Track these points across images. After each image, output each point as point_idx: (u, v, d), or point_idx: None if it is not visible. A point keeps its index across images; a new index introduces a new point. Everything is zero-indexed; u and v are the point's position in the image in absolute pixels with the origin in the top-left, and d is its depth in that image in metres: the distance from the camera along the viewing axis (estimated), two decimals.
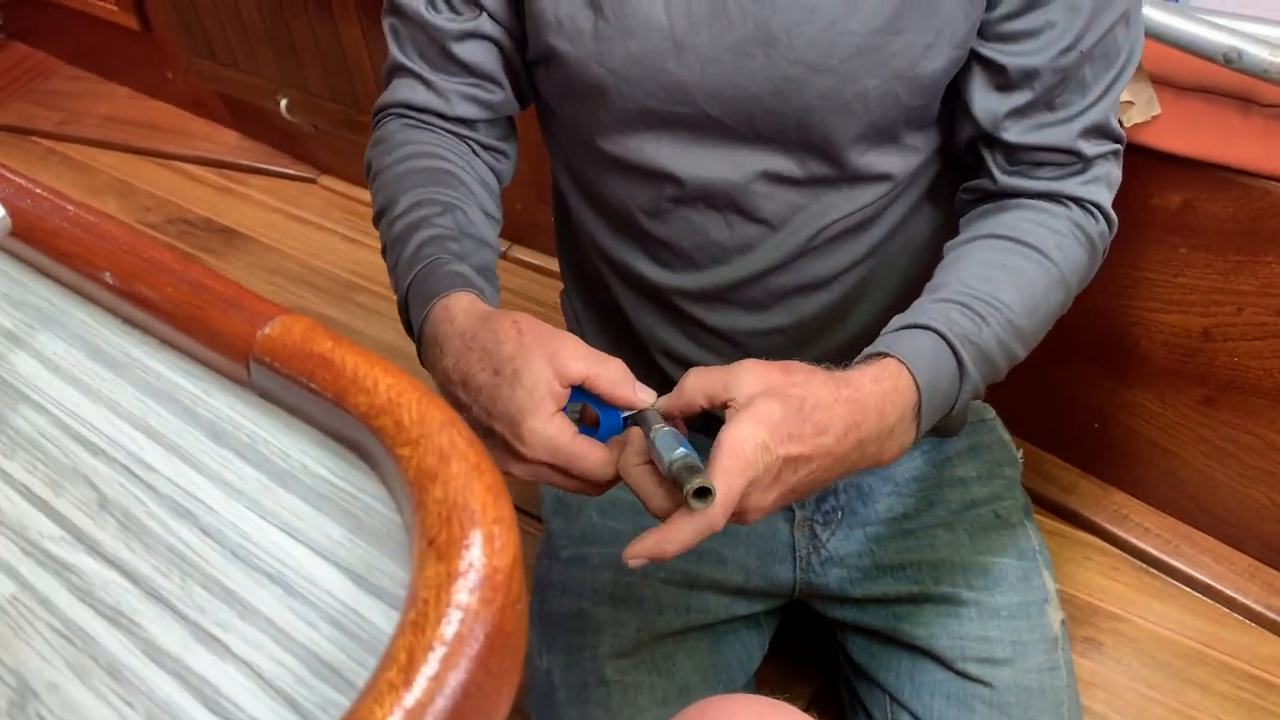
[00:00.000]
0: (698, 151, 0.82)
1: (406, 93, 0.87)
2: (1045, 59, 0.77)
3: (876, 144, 0.81)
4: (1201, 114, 1.05)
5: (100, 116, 2.28)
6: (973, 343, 0.73)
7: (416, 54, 0.86)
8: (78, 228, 0.44)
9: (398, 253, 0.80)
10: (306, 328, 0.43)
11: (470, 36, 0.83)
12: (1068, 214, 0.82)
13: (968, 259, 0.79)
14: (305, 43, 1.83)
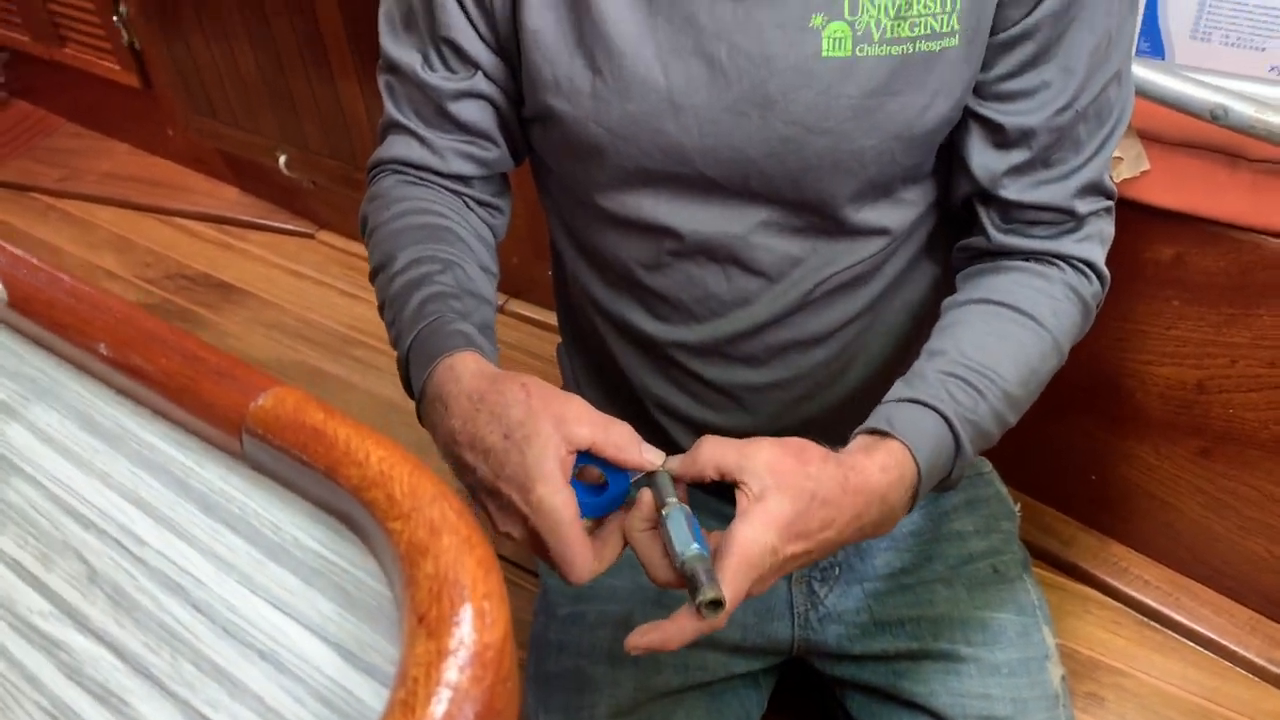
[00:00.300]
0: (696, 207, 0.82)
1: (402, 149, 0.87)
2: (1042, 118, 0.78)
3: (873, 200, 0.82)
4: (1190, 169, 1.06)
5: (100, 173, 2.30)
6: (970, 420, 0.74)
7: (412, 112, 0.86)
8: (73, 299, 0.45)
9: (397, 309, 0.80)
10: (299, 400, 0.43)
11: (466, 95, 0.84)
12: (1062, 276, 0.82)
13: (965, 325, 0.80)
14: (304, 100, 1.85)
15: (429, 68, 0.83)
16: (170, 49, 1.97)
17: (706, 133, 0.77)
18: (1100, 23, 0.75)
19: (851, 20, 0.73)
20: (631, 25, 0.76)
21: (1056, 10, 0.74)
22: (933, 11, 0.73)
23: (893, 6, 0.73)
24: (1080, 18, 0.75)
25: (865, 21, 0.73)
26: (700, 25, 0.75)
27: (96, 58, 2.18)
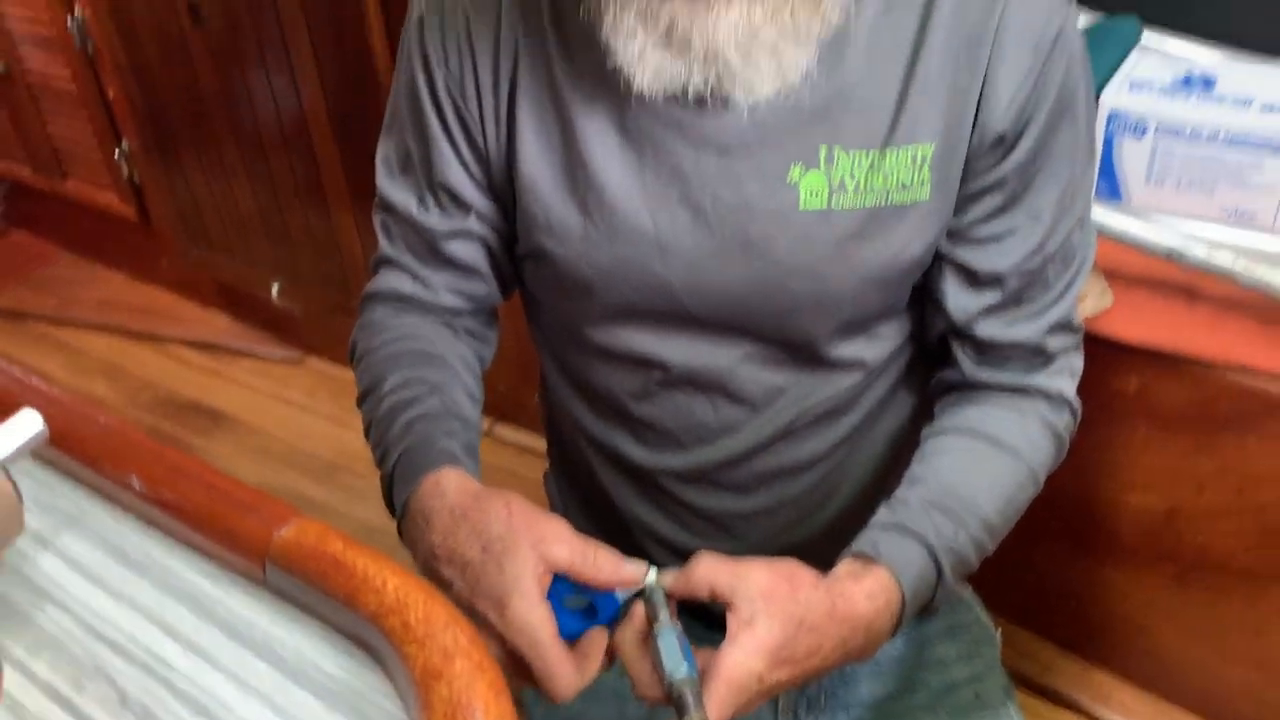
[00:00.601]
0: (683, 340, 0.85)
1: (395, 283, 0.90)
2: (1012, 262, 0.82)
3: (850, 335, 0.86)
4: (1151, 304, 1.12)
5: (95, 301, 2.34)
6: (952, 550, 0.77)
7: (406, 248, 0.90)
8: (109, 436, 0.48)
9: (383, 429, 0.83)
10: (320, 530, 0.46)
11: (458, 235, 0.88)
12: (1036, 409, 0.86)
13: (946, 454, 0.83)
14: (299, 231, 1.91)
15: (424, 209, 0.87)
16: (170, 183, 2.04)
17: (692, 274, 0.82)
18: (1063, 173, 0.80)
19: (827, 172, 0.78)
20: (621, 175, 0.80)
21: (1022, 163, 0.79)
22: (904, 165, 0.78)
23: (865, 160, 0.78)
24: (1045, 169, 0.80)
25: (840, 174, 0.78)
26: (685, 176, 0.79)
27: (96, 191, 2.25)
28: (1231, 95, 1.14)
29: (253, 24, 1.67)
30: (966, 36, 0.76)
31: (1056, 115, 0.78)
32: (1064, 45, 0.77)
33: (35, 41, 2.08)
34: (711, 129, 0.78)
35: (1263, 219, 1.14)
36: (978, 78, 0.76)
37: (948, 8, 0.76)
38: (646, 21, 0.71)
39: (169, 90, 1.89)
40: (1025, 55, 0.76)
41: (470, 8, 0.82)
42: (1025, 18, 0.75)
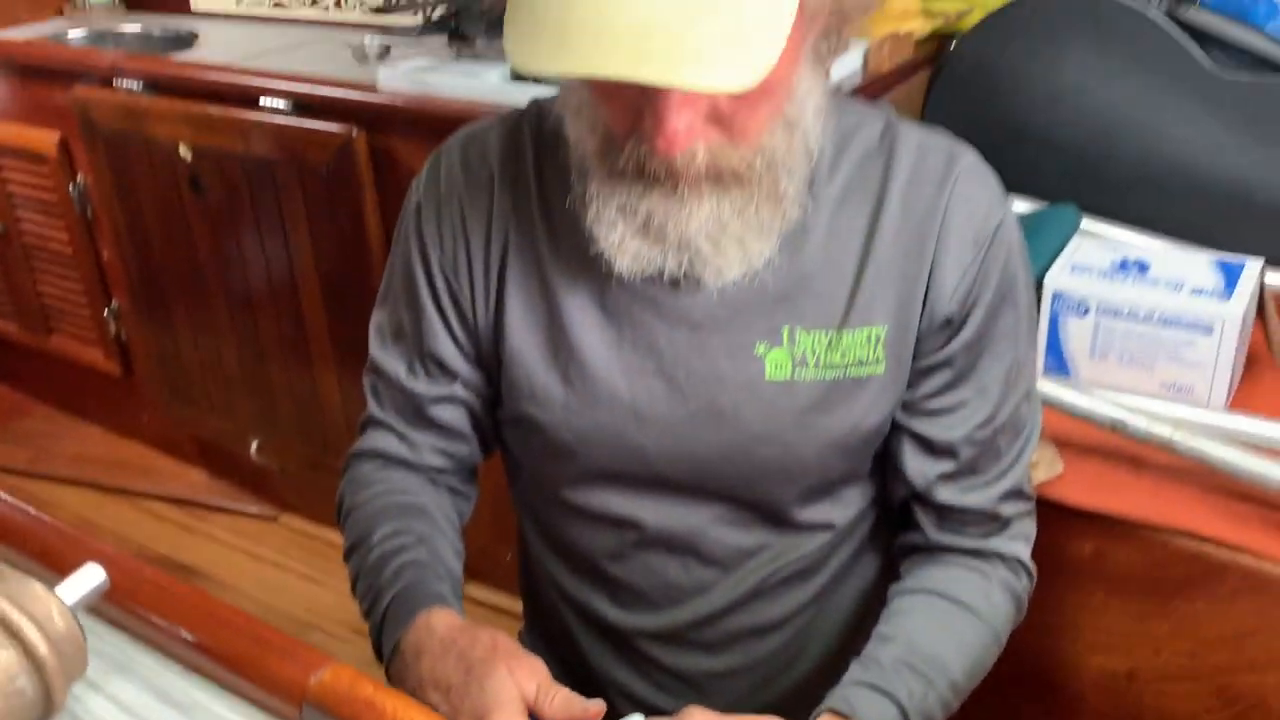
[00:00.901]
0: (657, 502, 0.90)
1: (381, 443, 0.95)
2: (963, 433, 0.88)
3: (816, 500, 0.91)
4: (1100, 472, 1.18)
5: (70, 455, 2.36)
6: (922, 711, 0.80)
7: (393, 411, 0.95)
8: (157, 589, 0.52)
9: (372, 578, 0.86)
10: (352, 675, 0.50)
11: (444, 400, 0.93)
12: (996, 572, 0.91)
13: (913, 614, 0.87)
14: (281, 389, 1.96)
15: (413, 375, 0.93)
16: (157, 340, 2.09)
17: (666, 440, 0.87)
18: (1007, 353, 0.88)
19: (790, 349, 0.85)
20: (601, 348, 0.87)
21: (969, 342, 0.86)
22: (860, 344, 0.85)
23: (824, 339, 0.85)
24: (990, 349, 0.87)
25: (802, 350, 0.85)
26: (660, 350, 0.86)
27: (81, 347, 2.29)
28: (1164, 279, 1.24)
29: (251, 195, 1.76)
30: (914, 230, 0.84)
31: (998, 300, 0.86)
32: (1003, 237, 0.85)
33: (35, 205, 2.16)
34: (684, 307, 0.85)
35: (1199, 393, 1.22)
36: (925, 266, 0.84)
37: (896, 205, 0.84)
38: (626, 214, 0.79)
39: (164, 253, 1.96)
40: (967, 247, 0.84)
41: (465, 198, 0.90)
42: (967, 212, 0.84)
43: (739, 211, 0.78)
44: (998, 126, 1.54)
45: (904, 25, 1.59)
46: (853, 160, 0.85)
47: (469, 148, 0.91)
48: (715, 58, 0.64)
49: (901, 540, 0.96)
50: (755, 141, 0.76)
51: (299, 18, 2.19)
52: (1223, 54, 1.39)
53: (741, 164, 0.76)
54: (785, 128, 0.77)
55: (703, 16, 0.64)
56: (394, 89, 1.58)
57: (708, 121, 0.74)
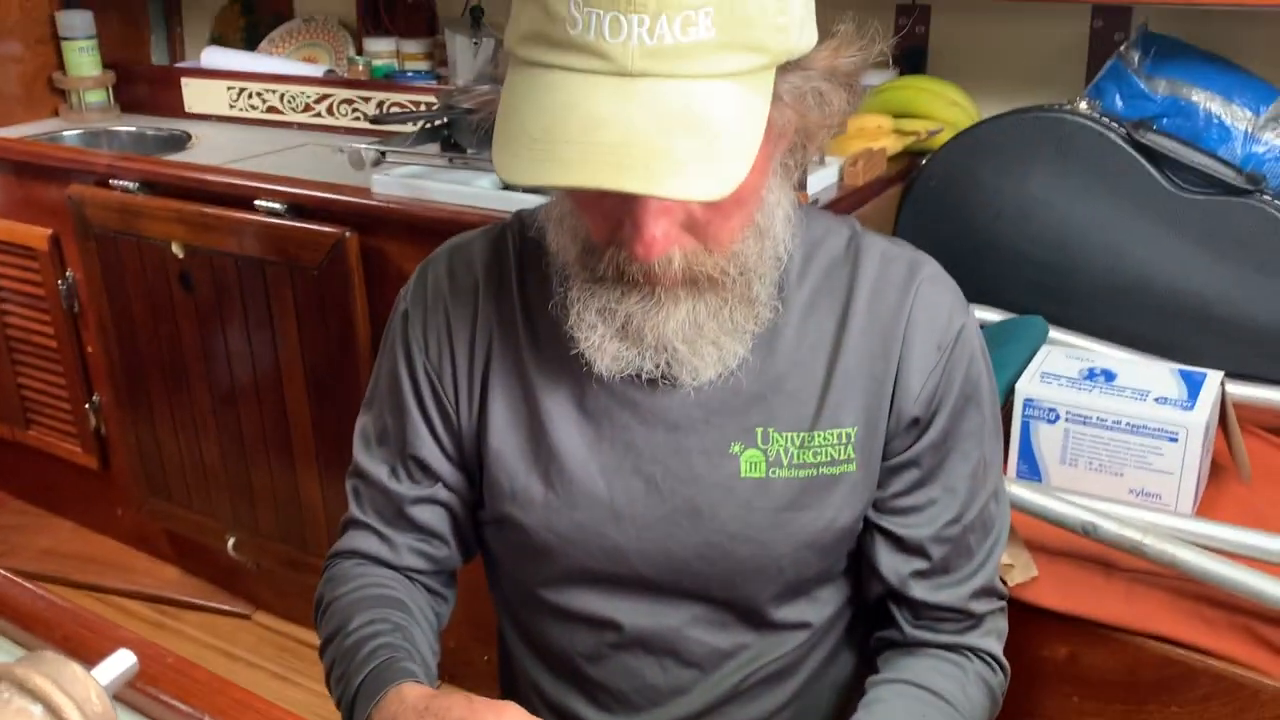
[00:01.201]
0: (635, 602, 0.92)
1: (362, 543, 0.97)
2: (932, 531, 0.91)
3: (792, 599, 0.93)
4: (1073, 576, 1.21)
5: (39, 549, 2.33)
6: None
7: (374, 512, 0.97)
8: (182, 675, 0.53)
9: (347, 663, 0.86)
10: None
11: (426, 501, 0.95)
12: (972, 666, 0.93)
13: (889, 704, 0.89)
14: (262, 485, 1.96)
15: (395, 478, 0.95)
16: (137, 435, 2.10)
17: (644, 539, 0.89)
18: (973, 452, 0.91)
19: (764, 448, 0.88)
20: (581, 448, 0.89)
21: (935, 442, 0.90)
22: (832, 443, 0.88)
23: (797, 438, 0.88)
24: (956, 449, 0.90)
25: (775, 450, 0.88)
26: (638, 450, 0.89)
27: (59, 440, 2.29)
28: (1130, 388, 1.29)
29: (241, 292, 1.79)
30: (879, 334, 0.88)
31: (962, 402, 0.90)
32: (965, 342, 0.89)
33: (22, 299, 2.18)
34: (662, 408, 0.88)
35: (1166, 499, 1.26)
36: (891, 369, 0.88)
37: (861, 310, 0.88)
38: (606, 316, 0.82)
39: (149, 348, 1.98)
40: (931, 351, 0.88)
41: (450, 306, 0.93)
42: (929, 318, 0.88)
43: (714, 314, 0.82)
44: (967, 240, 1.61)
45: (877, 142, 1.67)
46: (820, 267, 0.90)
47: (455, 257, 0.95)
48: (691, 170, 0.68)
49: (878, 636, 0.97)
50: (729, 248, 0.80)
51: (292, 121, 2.25)
52: (1178, 175, 1.47)
53: (716, 269, 0.80)
54: (757, 235, 0.82)
55: (679, 133, 0.68)
56: (388, 194, 1.63)
57: (683, 229, 0.78)
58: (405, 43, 2.28)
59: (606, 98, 0.69)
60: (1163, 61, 1.57)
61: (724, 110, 0.70)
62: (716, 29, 0.69)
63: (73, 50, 2.35)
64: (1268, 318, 1.44)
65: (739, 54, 0.71)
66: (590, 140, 0.68)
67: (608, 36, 0.68)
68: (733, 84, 0.71)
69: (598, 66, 0.69)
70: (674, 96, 0.69)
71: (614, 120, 0.68)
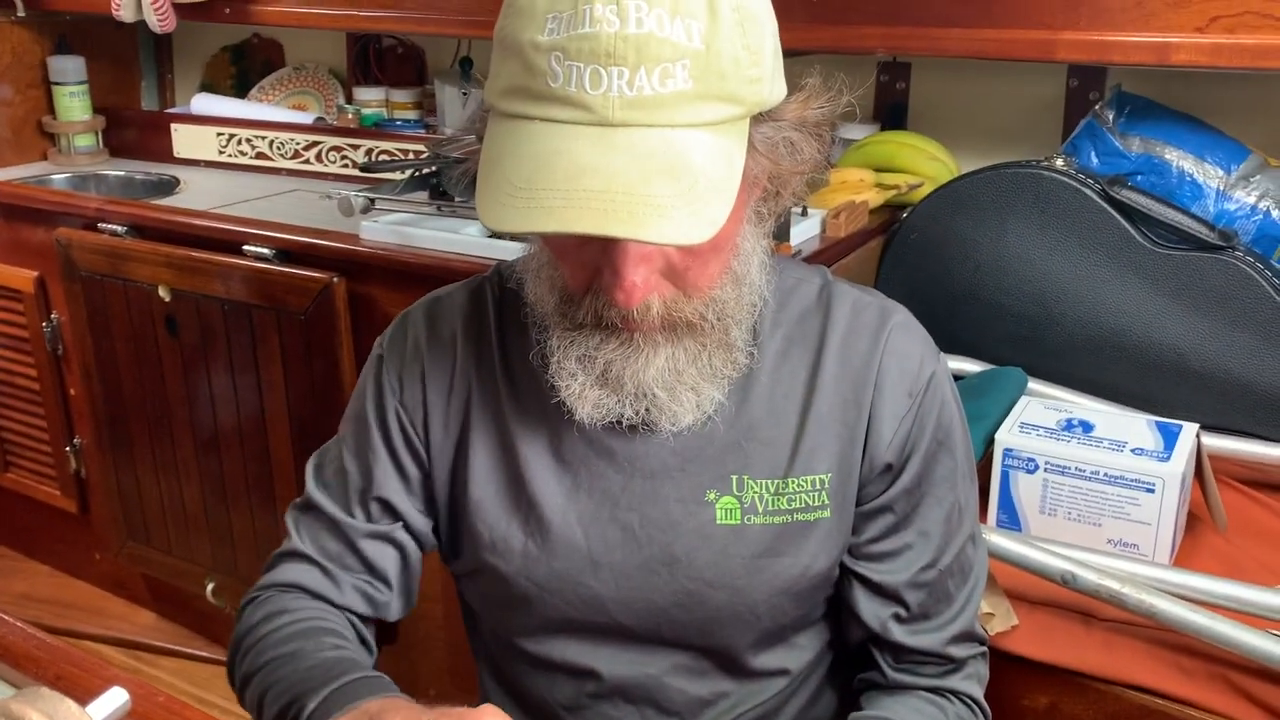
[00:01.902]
0: (614, 651, 0.92)
1: (301, 576, 0.92)
2: (908, 576, 0.92)
3: (771, 645, 0.94)
4: (1053, 625, 1.22)
5: (14, 594, 2.30)
6: None
7: (318, 547, 0.93)
8: (172, 715, 0.53)
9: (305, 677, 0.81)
10: None
11: (381, 539, 0.93)
12: (954, 709, 0.93)
13: None
14: (243, 529, 1.95)
15: (349, 514, 0.93)
16: (118, 478, 2.09)
17: (622, 586, 0.90)
18: (947, 496, 0.92)
19: (739, 495, 0.89)
20: (559, 497, 0.90)
21: (908, 487, 0.91)
22: (806, 490, 0.89)
23: (772, 485, 0.89)
24: (930, 493, 0.91)
25: (750, 497, 0.89)
26: (615, 498, 0.90)
27: (37, 483, 2.27)
28: (1108, 439, 1.30)
29: (227, 336, 1.80)
30: (851, 381, 0.89)
31: (935, 447, 0.91)
32: (936, 388, 0.91)
33: (5, 341, 2.18)
34: (639, 456, 0.89)
35: (1144, 549, 1.27)
36: (863, 416, 0.89)
37: (833, 358, 0.90)
38: (585, 364, 0.83)
39: (133, 391, 1.98)
40: (902, 398, 0.89)
41: (428, 356, 0.94)
42: (900, 365, 0.90)
43: (693, 360, 0.83)
44: (947, 291, 1.64)
45: (859, 195, 1.70)
46: (793, 316, 0.91)
47: (434, 309, 0.96)
48: (674, 215, 0.70)
49: (860, 678, 0.98)
50: (707, 294, 0.82)
51: (281, 168, 2.27)
52: (1153, 231, 1.50)
53: (695, 315, 0.82)
54: (734, 281, 0.83)
55: (661, 179, 0.70)
56: (375, 240, 1.64)
57: (662, 276, 0.80)
58: (395, 92, 2.31)
59: (588, 146, 0.71)
60: (1136, 120, 1.61)
61: (703, 158, 0.72)
62: (694, 80, 0.71)
63: (63, 95, 2.37)
64: (1241, 371, 1.47)
65: (715, 104, 0.73)
66: (574, 187, 0.70)
67: (588, 89, 0.70)
68: (709, 133, 0.73)
69: (579, 117, 0.71)
70: (654, 144, 0.71)
71: (597, 168, 0.70)
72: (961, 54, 1.58)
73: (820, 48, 1.56)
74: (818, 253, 1.57)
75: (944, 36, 1.53)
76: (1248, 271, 1.45)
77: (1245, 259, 1.45)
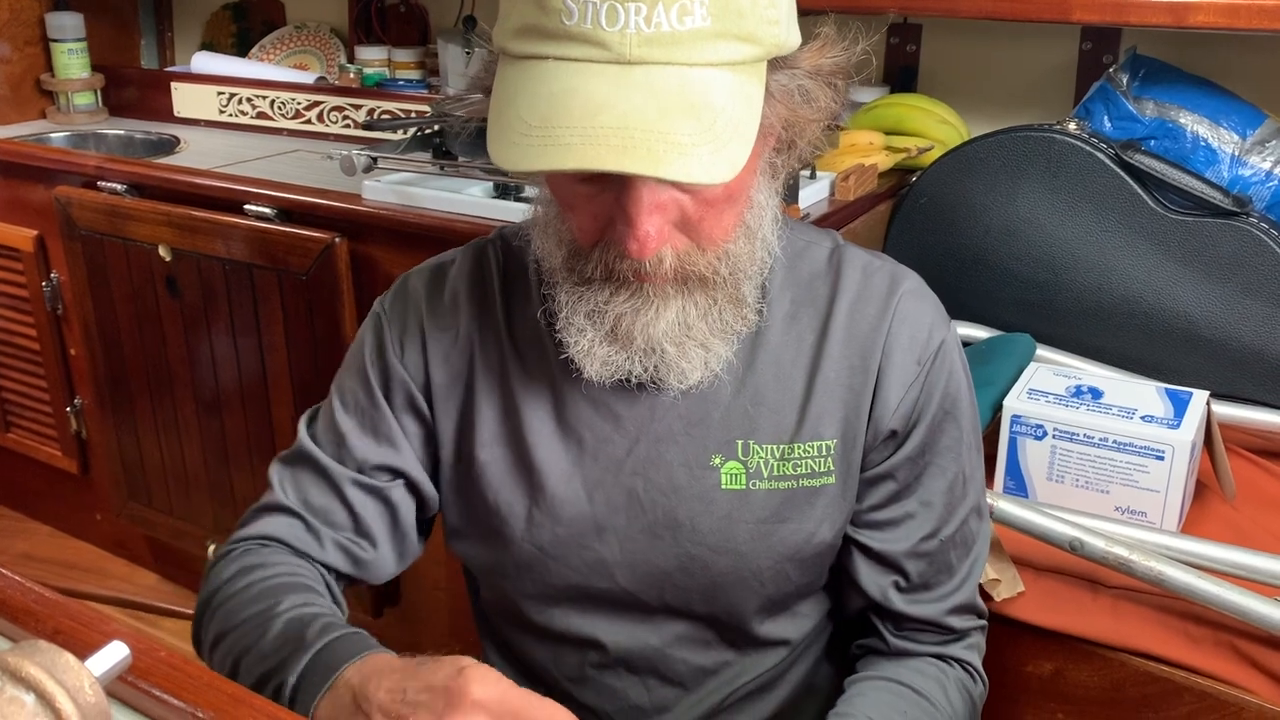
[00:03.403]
0: (618, 620, 0.92)
1: (276, 529, 0.89)
2: (908, 545, 0.91)
3: (774, 614, 0.93)
4: (1059, 592, 1.22)
5: (16, 553, 2.31)
6: None
7: (301, 500, 0.90)
8: (175, 670, 0.53)
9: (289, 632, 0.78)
10: None
11: (370, 492, 0.90)
12: (954, 673, 0.93)
13: (870, 696, 0.89)
14: (244, 491, 1.95)
15: (340, 461, 0.89)
16: (118, 439, 2.08)
17: (626, 550, 0.89)
18: (950, 466, 0.91)
19: (744, 460, 0.88)
20: (563, 462, 0.89)
21: (911, 455, 0.89)
22: (811, 456, 0.88)
23: (778, 450, 0.88)
24: (933, 463, 0.90)
25: (756, 462, 0.88)
26: (620, 462, 0.89)
27: (39, 444, 2.27)
28: (1117, 406, 1.29)
29: (228, 296, 1.79)
30: (859, 347, 0.88)
31: (941, 416, 0.89)
32: (944, 356, 0.89)
33: (5, 300, 2.16)
34: (643, 420, 0.88)
35: (1152, 517, 1.27)
36: (870, 382, 0.88)
37: (842, 322, 0.88)
38: (594, 320, 0.81)
39: (133, 351, 1.97)
40: (910, 366, 0.88)
41: (427, 319, 0.92)
42: (909, 332, 0.88)
43: (703, 315, 0.82)
44: (956, 256, 1.62)
45: (869, 158, 1.68)
46: (802, 279, 0.90)
47: (436, 273, 0.94)
48: (694, 154, 0.68)
49: (860, 644, 0.97)
50: (720, 247, 0.80)
51: (282, 128, 2.25)
52: (1166, 196, 1.48)
53: (708, 268, 0.80)
54: (747, 235, 0.82)
55: (679, 116, 0.68)
56: (378, 200, 1.63)
57: (676, 227, 0.78)
58: (397, 51, 2.28)
59: (605, 84, 0.69)
60: (1150, 84, 1.59)
61: (722, 97, 0.70)
62: (712, 18, 0.70)
63: (62, 52, 2.34)
64: (1252, 339, 1.45)
65: (733, 44, 0.71)
66: (591, 124, 0.68)
67: (604, 25, 0.69)
68: (728, 72, 0.71)
69: (595, 55, 0.70)
70: (673, 82, 0.69)
71: (614, 104, 0.68)
72: (975, 15, 1.56)
73: (832, 6, 1.53)
74: (826, 215, 1.55)
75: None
76: (1261, 238, 1.43)
77: (1259, 225, 1.44)
